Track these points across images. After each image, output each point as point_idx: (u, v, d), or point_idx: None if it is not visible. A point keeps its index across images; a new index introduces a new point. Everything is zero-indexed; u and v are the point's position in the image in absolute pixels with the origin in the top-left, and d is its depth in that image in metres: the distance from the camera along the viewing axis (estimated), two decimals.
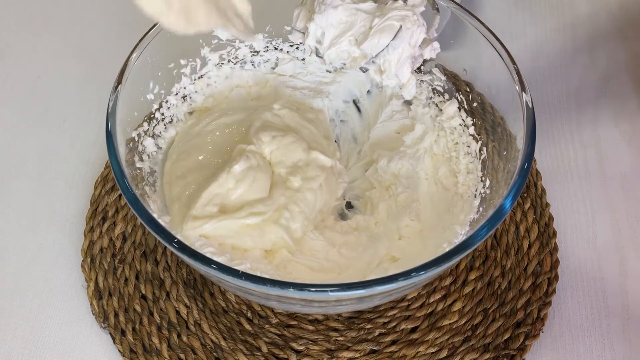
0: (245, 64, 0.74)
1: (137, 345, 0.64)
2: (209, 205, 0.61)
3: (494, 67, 0.63)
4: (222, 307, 0.66)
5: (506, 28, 0.88)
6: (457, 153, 0.68)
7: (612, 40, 0.87)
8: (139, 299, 0.66)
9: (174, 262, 0.68)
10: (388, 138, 0.72)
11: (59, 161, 0.77)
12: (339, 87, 0.75)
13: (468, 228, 0.62)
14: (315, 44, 0.65)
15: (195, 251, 0.53)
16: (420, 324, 0.65)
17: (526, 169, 0.56)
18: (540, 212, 0.71)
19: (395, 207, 0.67)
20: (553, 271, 0.67)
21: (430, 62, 0.70)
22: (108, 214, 0.71)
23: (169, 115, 0.69)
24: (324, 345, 0.64)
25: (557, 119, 0.80)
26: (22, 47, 0.87)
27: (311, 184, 0.65)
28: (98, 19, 0.90)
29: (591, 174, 0.76)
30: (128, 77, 0.61)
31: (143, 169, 0.64)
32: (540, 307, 0.65)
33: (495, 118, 0.65)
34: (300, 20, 0.65)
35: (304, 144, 0.67)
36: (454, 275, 0.67)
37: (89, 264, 0.68)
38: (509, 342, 0.64)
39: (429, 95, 0.71)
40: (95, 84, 0.83)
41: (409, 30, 0.61)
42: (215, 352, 0.64)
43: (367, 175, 0.70)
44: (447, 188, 0.67)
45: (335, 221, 0.67)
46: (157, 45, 0.65)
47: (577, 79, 0.83)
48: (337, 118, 0.75)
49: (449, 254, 0.52)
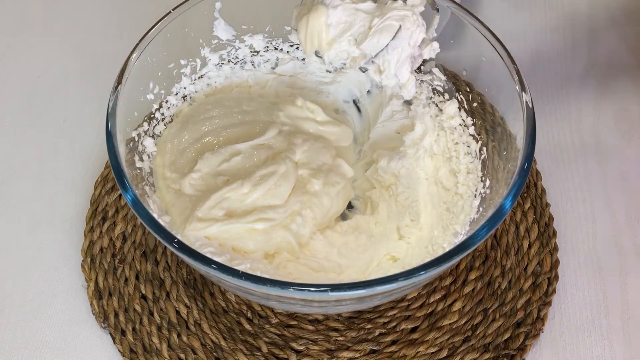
0: (245, 64, 0.74)
1: (137, 345, 0.64)
2: (216, 209, 0.61)
3: (494, 67, 0.63)
4: (222, 307, 0.66)
5: (506, 28, 0.88)
6: (457, 153, 0.68)
7: (612, 40, 0.87)
8: (139, 299, 0.66)
9: (174, 262, 0.68)
10: (388, 138, 0.72)
11: (59, 161, 0.77)
12: (339, 87, 0.75)
13: (468, 228, 0.62)
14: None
15: (195, 251, 0.53)
16: (420, 324, 0.65)
17: (526, 169, 0.56)
18: (540, 212, 0.71)
19: (395, 207, 0.67)
20: (553, 271, 0.67)
21: (430, 62, 0.70)
22: (108, 214, 0.71)
23: (169, 115, 0.69)
24: (324, 345, 0.64)
25: (557, 119, 0.80)
26: (22, 47, 0.87)
27: (330, 190, 0.65)
28: (98, 19, 0.90)
29: (591, 174, 0.76)
30: (128, 77, 0.61)
31: (143, 169, 0.64)
32: (540, 307, 0.65)
33: (495, 118, 0.65)
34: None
35: (332, 151, 0.68)
36: (454, 275, 0.67)
37: (89, 264, 0.68)
38: (509, 342, 0.64)
39: (429, 95, 0.71)
40: (95, 84, 0.83)
41: (408, 30, 0.61)
42: (215, 352, 0.64)
43: (367, 175, 0.70)
44: (447, 188, 0.67)
45: (335, 221, 0.67)
46: (157, 45, 0.65)
47: (577, 79, 0.83)
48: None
49: (449, 254, 0.52)
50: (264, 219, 0.61)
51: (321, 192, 0.65)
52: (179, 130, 0.67)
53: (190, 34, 0.69)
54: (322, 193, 0.65)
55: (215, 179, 0.64)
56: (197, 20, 0.69)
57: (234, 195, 0.62)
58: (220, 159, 0.65)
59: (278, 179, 0.63)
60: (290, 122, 0.70)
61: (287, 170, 0.64)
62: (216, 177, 0.64)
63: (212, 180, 0.64)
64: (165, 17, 0.65)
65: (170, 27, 0.65)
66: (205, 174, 0.64)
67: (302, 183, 0.65)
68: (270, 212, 0.62)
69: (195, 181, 0.64)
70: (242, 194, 0.62)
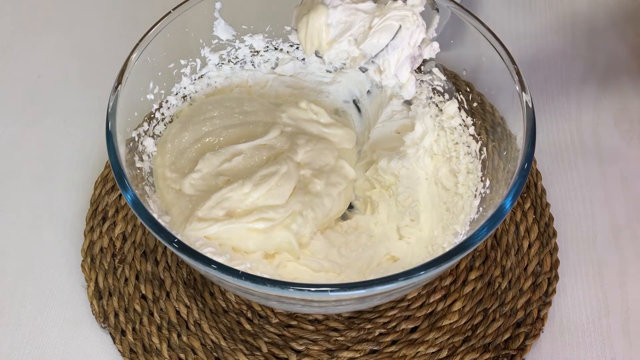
0: (245, 64, 0.74)
1: (137, 345, 0.64)
2: (217, 208, 0.61)
3: (494, 67, 0.63)
4: (222, 307, 0.66)
5: (506, 28, 0.88)
6: (457, 153, 0.68)
7: (612, 40, 0.87)
8: (139, 299, 0.66)
9: (174, 262, 0.68)
10: (388, 138, 0.72)
11: (59, 161, 0.77)
12: (339, 87, 0.75)
13: (468, 228, 0.62)
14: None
15: (195, 251, 0.53)
16: (420, 324, 0.65)
17: (526, 169, 0.56)
18: (540, 212, 0.71)
19: (395, 207, 0.67)
20: (553, 271, 0.67)
21: (430, 62, 0.70)
22: (108, 214, 0.71)
23: (169, 115, 0.69)
24: (324, 345, 0.64)
25: (557, 119, 0.80)
26: (22, 47, 0.87)
27: (332, 191, 0.65)
28: (98, 19, 0.90)
29: (591, 174, 0.76)
30: (128, 77, 0.61)
31: (143, 169, 0.64)
32: (540, 307, 0.65)
33: (495, 118, 0.65)
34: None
35: (335, 152, 0.68)
36: (454, 275, 0.67)
37: (89, 264, 0.68)
38: (509, 342, 0.64)
39: (429, 95, 0.71)
40: (95, 84, 0.83)
41: (408, 30, 0.61)
42: (215, 352, 0.64)
43: (367, 175, 0.70)
44: (447, 188, 0.67)
45: (335, 221, 0.67)
46: (157, 45, 0.65)
47: (577, 79, 0.83)
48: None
49: (449, 254, 0.52)
50: (265, 218, 0.61)
51: (323, 192, 0.65)
52: (180, 130, 0.67)
53: (190, 34, 0.69)
54: (324, 193, 0.65)
55: (216, 179, 0.64)
56: (197, 20, 0.69)
57: (235, 195, 0.62)
58: (221, 159, 0.65)
59: (279, 179, 0.63)
60: (293, 123, 0.70)
61: (288, 170, 0.64)
62: (217, 177, 0.64)
63: (212, 180, 0.64)
64: (165, 17, 0.65)
65: (170, 27, 0.65)
66: (206, 174, 0.64)
67: (304, 183, 0.65)
68: (271, 212, 0.62)
69: (196, 181, 0.64)
70: (242, 194, 0.62)
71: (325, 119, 0.71)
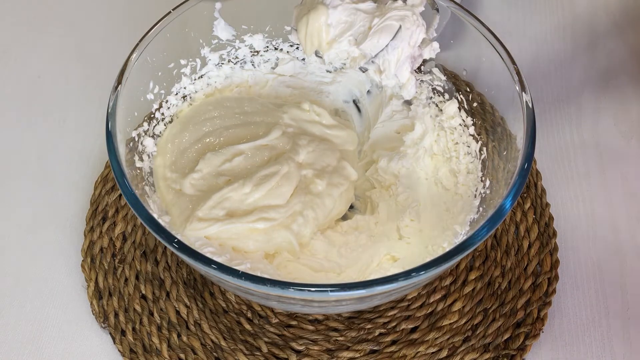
0: (245, 64, 0.74)
1: (137, 345, 0.64)
2: (217, 208, 0.61)
3: (494, 67, 0.63)
4: (222, 307, 0.66)
5: (506, 28, 0.88)
6: (457, 153, 0.68)
7: (612, 40, 0.87)
8: (139, 299, 0.66)
9: (174, 262, 0.68)
10: (388, 138, 0.72)
11: (59, 161, 0.77)
12: (339, 87, 0.75)
13: (468, 228, 0.62)
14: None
15: (195, 251, 0.53)
16: (420, 324, 0.65)
17: (526, 169, 0.56)
18: (540, 212, 0.71)
19: (395, 207, 0.67)
20: (553, 271, 0.67)
21: (430, 62, 0.70)
22: (108, 214, 0.71)
23: (169, 115, 0.69)
24: (324, 345, 0.64)
25: (557, 119, 0.80)
26: (22, 47, 0.87)
27: (333, 191, 0.65)
28: (98, 19, 0.90)
29: (591, 174, 0.76)
30: (128, 77, 0.61)
31: (143, 169, 0.64)
32: (540, 307, 0.65)
33: (495, 118, 0.65)
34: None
35: (337, 153, 0.68)
36: (454, 275, 0.67)
37: (89, 264, 0.68)
38: (509, 342, 0.64)
39: (429, 95, 0.71)
40: (95, 84, 0.83)
41: (408, 30, 0.61)
42: (215, 352, 0.64)
43: (367, 175, 0.70)
44: (447, 188, 0.67)
45: (335, 221, 0.67)
46: (157, 45, 0.65)
47: (577, 79, 0.83)
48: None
49: (449, 254, 0.52)
50: (265, 218, 0.61)
51: (324, 192, 0.65)
52: (180, 130, 0.67)
53: (190, 34, 0.69)
54: (325, 194, 0.65)
55: (216, 179, 0.64)
56: (197, 20, 0.69)
57: (235, 195, 0.62)
58: (222, 159, 0.65)
59: (280, 179, 0.63)
60: (295, 124, 0.70)
61: (289, 170, 0.64)
62: (217, 177, 0.64)
63: (213, 180, 0.64)
64: (165, 17, 0.65)
65: (170, 27, 0.65)
66: (207, 174, 0.64)
67: (306, 183, 0.65)
68: (272, 212, 0.62)
69: (196, 181, 0.64)
70: (243, 194, 0.62)
71: (327, 120, 0.71)
